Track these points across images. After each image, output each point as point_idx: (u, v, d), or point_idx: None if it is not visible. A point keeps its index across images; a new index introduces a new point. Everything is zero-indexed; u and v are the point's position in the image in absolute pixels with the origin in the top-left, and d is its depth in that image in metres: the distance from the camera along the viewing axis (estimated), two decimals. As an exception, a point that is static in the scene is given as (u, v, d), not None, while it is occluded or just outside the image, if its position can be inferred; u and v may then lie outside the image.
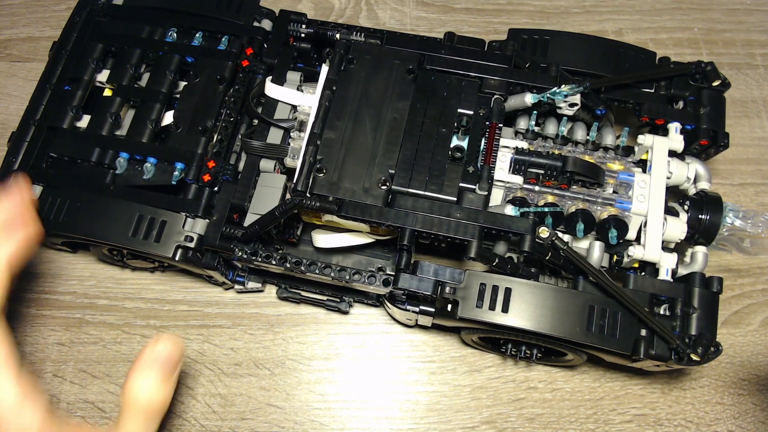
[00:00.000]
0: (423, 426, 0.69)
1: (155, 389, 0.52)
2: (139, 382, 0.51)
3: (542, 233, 0.56)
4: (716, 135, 0.65)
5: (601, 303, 0.57)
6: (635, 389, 0.70)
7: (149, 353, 0.52)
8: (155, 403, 0.52)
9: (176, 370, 0.54)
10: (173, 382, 0.54)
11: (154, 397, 0.52)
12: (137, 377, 0.52)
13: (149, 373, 0.52)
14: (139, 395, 0.51)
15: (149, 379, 0.52)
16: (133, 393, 0.51)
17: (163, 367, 0.52)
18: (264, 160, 0.64)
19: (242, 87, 0.68)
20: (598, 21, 0.90)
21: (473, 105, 0.62)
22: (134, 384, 0.51)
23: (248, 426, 0.68)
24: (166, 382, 0.53)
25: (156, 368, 0.52)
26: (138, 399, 0.51)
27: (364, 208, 0.57)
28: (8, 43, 0.88)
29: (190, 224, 0.62)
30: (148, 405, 0.52)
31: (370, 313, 0.73)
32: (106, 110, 0.67)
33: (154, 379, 0.52)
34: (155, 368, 0.52)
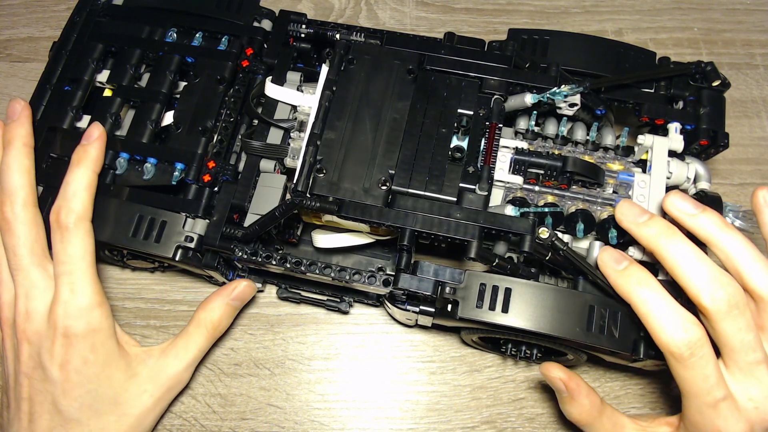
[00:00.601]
0: (423, 426, 0.69)
1: (225, 316, 0.66)
2: (216, 307, 0.65)
3: (542, 233, 0.56)
4: (716, 135, 0.65)
5: (601, 303, 0.57)
6: (635, 389, 0.70)
7: (229, 289, 0.65)
8: (221, 325, 0.66)
9: (242, 305, 0.68)
10: (234, 315, 0.68)
11: (223, 321, 0.65)
12: (216, 302, 0.65)
13: (225, 302, 0.65)
14: (213, 316, 0.64)
15: (224, 307, 0.65)
16: (210, 314, 0.64)
17: (237, 301, 0.66)
18: (264, 161, 0.64)
19: (242, 87, 0.68)
20: (598, 21, 0.90)
21: (473, 105, 0.62)
22: (212, 308, 0.65)
23: (248, 426, 0.68)
24: (233, 313, 0.67)
25: (231, 301, 0.65)
26: (211, 319, 0.64)
27: (364, 209, 0.57)
28: (8, 43, 0.88)
29: (190, 224, 0.62)
30: (216, 325, 0.65)
31: (370, 313, 0.73)
32: (106, 110, 0.67)
33: (228, 308, 0.65)
34: (230, 300, 0.65)
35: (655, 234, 0.53)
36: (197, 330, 0.64)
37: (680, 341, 0.50)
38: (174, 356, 0.63)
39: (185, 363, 0.64)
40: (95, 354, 0.58)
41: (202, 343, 0.65)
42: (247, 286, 0.66)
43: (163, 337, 0.72)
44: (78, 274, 0.57)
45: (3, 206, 0.58)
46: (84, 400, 0.58)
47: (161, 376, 0.62)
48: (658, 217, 0.54)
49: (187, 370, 0.65)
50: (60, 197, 0.59)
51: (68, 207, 0.58)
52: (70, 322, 0.57)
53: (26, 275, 0.58)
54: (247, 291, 0.66)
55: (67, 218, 0.58)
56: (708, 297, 0.50)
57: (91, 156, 0.61)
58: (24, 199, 0.59)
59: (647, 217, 0.54)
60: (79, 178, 0.59)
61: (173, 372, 0.63)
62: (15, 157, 0.60)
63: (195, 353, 0.64)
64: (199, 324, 0.64)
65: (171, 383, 0.63)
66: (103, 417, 0.59)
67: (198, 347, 0.64)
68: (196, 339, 0.64)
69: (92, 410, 0.58)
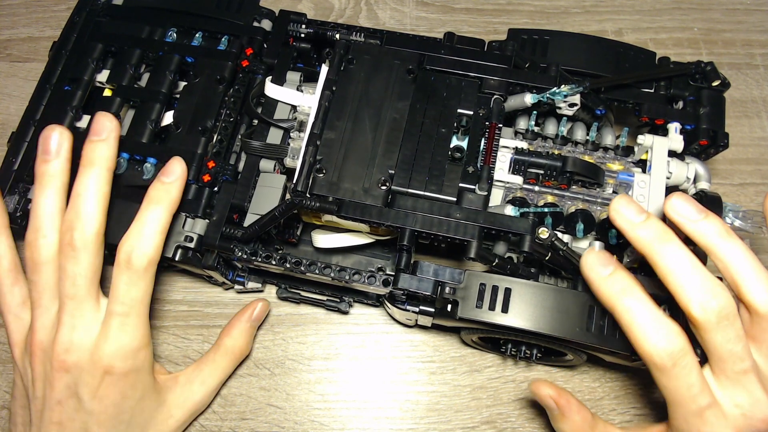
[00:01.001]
0: (423, 426, 0.69)
1: (249, 340, 0.68)
2: (241, 333, 0.67)
3: (542, 233, 0.56)
4: (716, 135, 0.65)
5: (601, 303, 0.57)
6: (635, 389, 0.70)
7: (249, 312, 0.68)
8: (245, 350, 0.68)
9: (258, 324, 0.70)
10: (253, 335, 0.70)
11: (244, 346, 0.68)
12: (239, 329, 0.67)
13: (247, 326, 0.67)
14: (239, 343, 0.67)
15: (247, 332, 0.68)
16: (235, 341, 0.66)
17: (256, 322, 0.69)
18: (264, 161, 0.64)
19: (242, 87, 0.68)
20: (597, 21, 0.90)
21: (473, 105, 0.62)
22: (237, 334, 0.67)
23: (248, 426, 0.68)
24: (253, 333, 0.69)
25: (252, 324, 0.68)
26: (236, 346, 0.67)
27: (363, 209, 0.57)
28: (8, 43, 0.88)
29: (189, 224, 0.62)
30: (242, 351, 0.67)
31: (370, 313, 0.73)
32: (105, 110, 0.67)
33: (250, 333, 0.68)
34: (252, 324, 0.68)
35: (650, 238, 0.51)
36: (224, 357, 0.66)
37: (663, 351, 0.49)
38: (200, 383, 0.64)
39: (210, 389, 0.65)
40: (134, 390, 0.58)
41: (228, 369, 0.67)
42: (264, 305, 0.69)
43: (163, 337, 0.71)
44: (134, 317, 0.56)
45: (73, 231, 0.54)
46: (117, 429, 0.58)
47: (187, 403, 0.63)
48: (654, 219, 0.52)
49: (211, 395, 0.66)
50: (134, 236, 0.55)
51: (142, 250, 0.55)
52: (115, 363, 0.55)
53: (78, 306, 0.55)
54: (263, 310, 0.69)
55: (139, 261, 0.54)
56: (698, 307, 0.49)
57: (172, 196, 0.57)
58: (96, 228, 0.55)
59: (643, 217, 0.52)
60: (156, 219, 0.56)
61: (199, 398, 0.64)
62: (95, 182, 0.55)
63: (220, 378, 0.66)
64: (226, 352, 0.66)
65: (196, 408, 0.64)
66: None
67: (224, 372, 0.66)
68: (223, 365, 0.66)
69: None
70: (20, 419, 0.60)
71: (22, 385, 0.60)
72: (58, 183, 0.56)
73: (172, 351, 0.71)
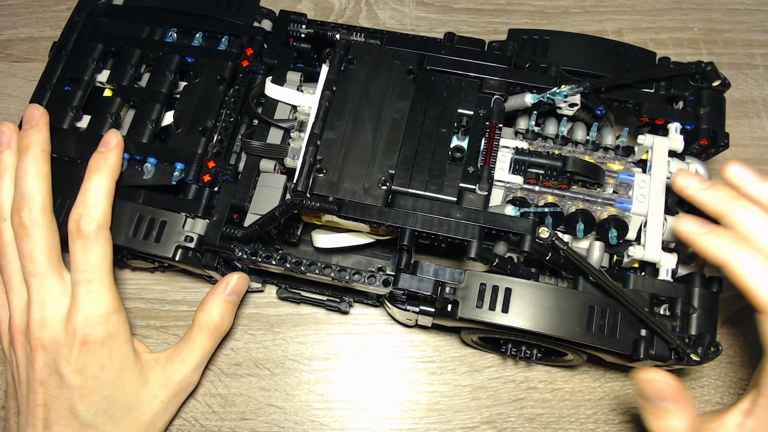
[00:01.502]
0: (423, 426, 0.69)
1: (226, 314, 0.65)
2: (214, 307, 0.64)
3: (542, 233, 0.56)
4: (716, 135, 0.65)
5: (601, 303, 0.57)
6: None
7: (223, 286, 0.64)
8: (222, 325, 0.65)
9: (239, 299, 0.67)
10: (235, 309, 0.67)
11: (224, 320, 0.65)
12: (213, 302, 0.64)
13: (222, 300, 0.64)
14: (213, 317, 0.64)
15: (222, 306, 0.64)
16: (209, 315, 0.64)
17: (233, 296, 0.65)
18: (264, 161, 0.64)
19: (242, 87, 0.68)
20: (597, 21, 0.90)
21: (473, 105, 0.62)
22: (210, 308, 0.64)
23: (248, 426, 0.68)
24: (233, 308, 0.66)
25: (227, 297, 0.64)
26: (212, 321, 0.64)
27: (364, 209, 0.57)
28: (8, 43, 0.88)
29: (190, 224, 0.62)
30: (216, 326, 0.64)
31: (370, 313, 0.73)
32: (106, 110, 0.67)
33: (226, 306, 0.65)
34: (226, 298, 0.64)
35: (721, 197, 0.53)
36: (199, 333, 0.64)
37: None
38: (180, 362, 0.63)
39: (191, 367, 0.64)
40: (112, 360, 0.59)
41: (206, 346, 0.65)
42: (240, 278, 0.65)
43: (163, 337, 0.72)
44: (97, 282, 0.58)
45: (20, 211, 0.58)
46: (100, 406, 0.58)
47: (170, 382, 0.63)
48: (722, 183, 0.54)
49: (194, 373, 0.65)
50: (80, 204, 0.58)
51: (89, 215, 0.58)
52: (89, 330, 0.57)
53: (42, 282, 0.58)
54: (241, 283, 0.66)
55: (88, 226, 0.57)
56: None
57: (110, 163, 0.60)
58: (42, 204, 0.59)
59: (710, 183, 0.55)
60: (98, 185, 0.59)
61: (181, 377, 0.63)
62: (33, 163, 0.60)
63: (200, 356, 0.64)
64: (200, 327, 0.64)
65: (179, 388, 0.64)
66: (118, 423, 0.59)
67: (202, 350, 0.64)
68: (200, 342, 0.64)
69: (107, 415, 0.59)
70: (12, 411, 0.61)
71: (11, 376, 0.61)
72: (12, 172, 0.61)
73: (172, 351, 0.71)
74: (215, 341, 0.65)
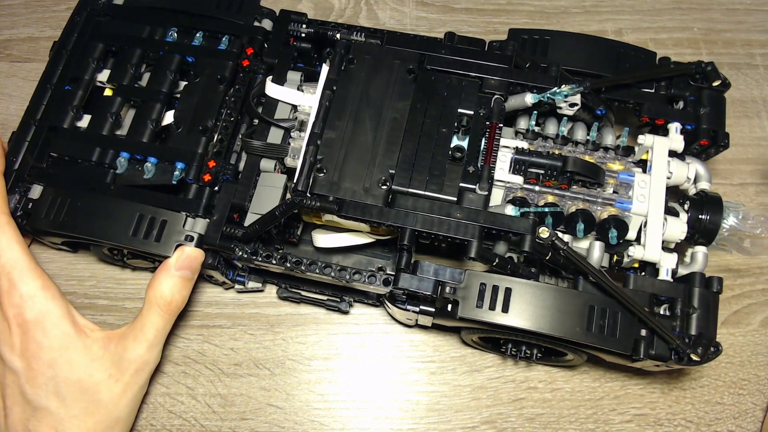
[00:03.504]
0: (423, 426, 0.69)
1: (176, 289, 0.61)
2: (163, 282, 0.61)
3: (542, 233, 0.56)
4: (716, 135, 0.65)
5: (601, 303, 0.57)
6: (635, 389, 0.70)
7: (173, 260, 0.61)
8: (175, 301, 0.62)
9: (195, 274, 0.63)
10: (191, 284, 0.63)
11: (175, 296, 0.61)
12: (161, 277, 0.61)
13: (171, 275, 0.61)
14: (162, 293, 0.61)
15: (171, 281, 0.61)
16: (157, 291, 0.61)
17: (185, 270, 0.62)
18: (264, 160, 0.64)
19: (243, 87, 0.68)
20: (598, 21, 0.90)
21: (473, 105, 0.62)
22: (159, 284, 0.61)
23: (248, 426, 0.68)
24: (186, 283, 0.62)
25: (178, 272, 0.61)
26: (161, 296, 0.61)
27: (364, 208, 0.57)
28: (8, 43, 0.87)
29: (190, 224, 0.62)
30: (168, 302, 0.61)
31: (370, 313, 0.73)
32: (106, 110, 0.67)
33: (176, 281, 0.61)
34: (177, 272, 0.61)
35: None
36: (150, 310, 0.61)
37: None
38: (133, 339, 0.61)
39: (145, 345, 0.61)
40: (49, 337, 0.59)
41: (158, 322, 0.61)
42: (191, 252, 0.62)
43: (163, 337, 0.71)
44: (11, 264, 0.59)
45: None
46: (48, 388, 0.58)
47: (124, 361, 0.61)
48: None
49: (150, 351, 0.62)
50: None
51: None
52: (17, 311, 0.58)
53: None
54: (192, 257, 0.62)
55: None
56: None
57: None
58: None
59: None
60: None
61: (135, 355, 0.61)
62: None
63: (153, 334, 0.61)
64: (150, 303, 0.61)
65: (135, 366, 0.61)
66: (72, 405, 0.59)
67: (155, 327, 0.61)
68: (152, 319, 0.61)
69: (59, 397, 0.58)
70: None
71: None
72: None
73: (172, 351, 0.71)
74: (168, 318, 0.62)
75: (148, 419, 0.68)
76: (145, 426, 0.68)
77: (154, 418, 0.68)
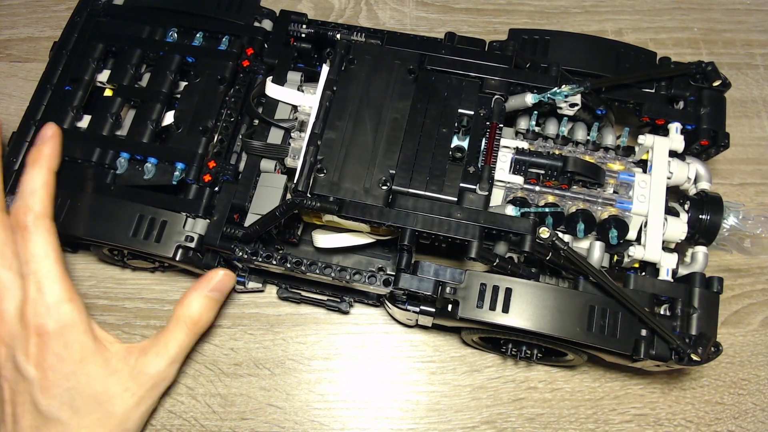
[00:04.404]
0: (423, 426, 0.69)
1: (205, 310, 0.63)
2: (194, 301, 0.63)
3: (543, 233, 0.56)
4: (716, 135, 0.65)
5: (602, 303, 0.57)
6: (635, 389, 0.70)
7: (207, 280, 0.63)
8: (202, 321, 0.63)
9: (224, 296, 0.65)
10: (218, 306, 0.65)
11: (203, 316, 0.63)
12: (193, 296, 0.63)
13: (204, 296, 0.63)
14: (191, 312, 0.62)
15: (202, 301, 0.63)
16: (187, 309, 0.62)
17: (216, 292, 0.64)
18: (264, 161, 0.64)
19: (243, 87, 0.68)
20: (598, 21, 0.90)
21: (474, 105, 0.62)
22: (190, 302, 0.62)
23: (248, 426, 0.68)
24: (215, 305, 0.64)
25: (209, 293, 0.63)
26: (189, 315, 0.62)
27: (364, 209, 0.57)
28: (8, 43, 0.87)
29: (190, 224, 0.62)
30: (196, 321, 0.63)
31: (370, 313, 0.73)
32: (106, 110, 0.67)
33: (206, 302, 0.63)
34: (209, 293, 0.63)
35: None
36: (177, 327, 0.62)
37: None
38: (155, 354, 0.62)
39: (166, 361, 0.62)
40: (69, 350, 0.58)
41: (183, 340, 0.63)
42: (225, 276, 0.64)
43: (164, 337, 0.71)
44: (43, 272, 0.58)
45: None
46: (63, 399, 0.58)
47: (143, 375, 0.61)
48: None
49: (170, 367, 0.63)
50: (18, 198, 0.60)
51: (26, 206, 0.59)
52: (40, 320, 0.57)
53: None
54: (225, 281, 0.64)
55: (26, 217, 0.58)
56: None
57: (45, 154, 0.61)
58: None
59: None
60: (34, 177, 0.60)
61: (155, 371, 0.61)
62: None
63: (176, 350, 0.62)
64: (178, 321, 0.62)
65: (153, 381, 0.62)
66: (85, 416, 0.58)
67: (179, 344, 0.62)
68: (177, 336, 0.62)
69: (72, 409, 0.58)
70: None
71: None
72: None
73: (173, 351, 0.71)
74: (193, 337, 0.63)
75: (148, 419, 0.68)
76: (145, 426, 0.68)
77: (154, 418, 0.68)
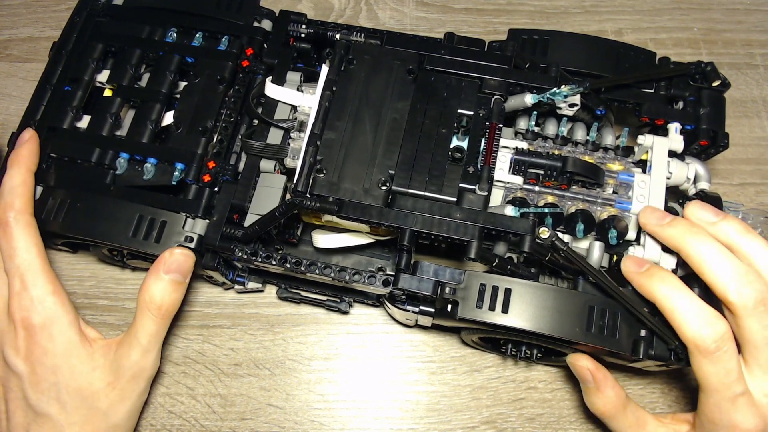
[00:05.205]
0: (423, 426, 0.69)
1: (166, 293, 0.60)
2: (152, 286, 0.60)
3: (542, 234, 0.56)
4: (716, 135, 0.65)
5: (601, 303, 0.57)
6: (635, 389, 0.70)
7: (161, 263, 0.60)
8: (165, 305, 0.60)
9: (187, 276, 0.61)
10: (183, 287, 0.61)
11: (165, 300, 0.60)
12: (150, 281, 0.60)
13: (160, 279, 0.60)
14: (152, 297, 0.60)
15: (161, 284, 0.60)
16: (148, 295, 0.60)
17: (174, 274, 0.60)
18: (264, 161, 0.64)
19: (242, 87, 0.68)
20: (597, 21, 0.90)
21: (473, 105, 0.62)
22: (148, 288, 0.60)
23: (248, 426, 0.68)
24: (177, 287, 0.61)
25: (167, 276, 0.60)
26: (150, 301, 0.60)
27: (364, 209, 0.57)
28: (8, 43, 0.88)
29: (190, 224, 0.62)
30: (159, 306, 0.60)
31: (370, 313, 0.73)
32: (106, 110, 0.67)
33: (165, 285, 0.60)
34: (166, 276, 0.60)
35: (680, 233, 0.55)
36: (142, 315, 0.60)
37: (707, 335, 0.51)
38: (128, 346, 0.61)
39: (139, 351, 0.60)
40: (54, 343, 0.58)
41: (151, 327, 0.60)
42: (180, 255, 0.60)
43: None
44: (26, 266, 0.59)
45: None
46: (51, 394, 0.58)
47: (120, 368, 0.60)
48: (680, 218, 0.56)
49: (145, 357, 0.61)
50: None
51: (5, 204, 0.60)
52: (26, 313, 0.58)
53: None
54: (181, 260, 0.60)
55: (5, 214, 0.60)
56: (735, 292, 0.51)
57: (23, 155, 0.63)
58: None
59: (670, 218, 0.56)
60: (13, 176, 0.62)
61: (131, 362, 0.60)
62: None
63: (147, 339, 0.60)
64: (142, 309, 0.60)
65: (131, 373, 0.61)
66: (73, 411, 0.59)
67: (148, 333, 0.60)
68: (145, 324, 0.60)
69: (60, 404, 0.58)
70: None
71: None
72: None
73: (172, 351, 0.71)
74: (161, 322, 0.61)
75: (148, 419, 0.68)
76: (145, 426, 0.68)
77: (154, 418, 0.68)
